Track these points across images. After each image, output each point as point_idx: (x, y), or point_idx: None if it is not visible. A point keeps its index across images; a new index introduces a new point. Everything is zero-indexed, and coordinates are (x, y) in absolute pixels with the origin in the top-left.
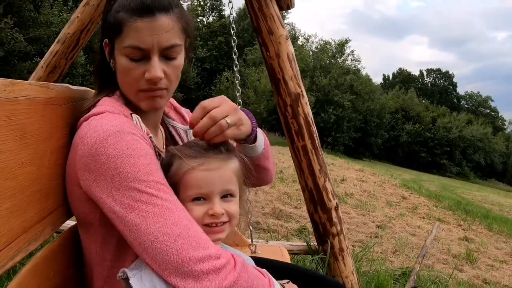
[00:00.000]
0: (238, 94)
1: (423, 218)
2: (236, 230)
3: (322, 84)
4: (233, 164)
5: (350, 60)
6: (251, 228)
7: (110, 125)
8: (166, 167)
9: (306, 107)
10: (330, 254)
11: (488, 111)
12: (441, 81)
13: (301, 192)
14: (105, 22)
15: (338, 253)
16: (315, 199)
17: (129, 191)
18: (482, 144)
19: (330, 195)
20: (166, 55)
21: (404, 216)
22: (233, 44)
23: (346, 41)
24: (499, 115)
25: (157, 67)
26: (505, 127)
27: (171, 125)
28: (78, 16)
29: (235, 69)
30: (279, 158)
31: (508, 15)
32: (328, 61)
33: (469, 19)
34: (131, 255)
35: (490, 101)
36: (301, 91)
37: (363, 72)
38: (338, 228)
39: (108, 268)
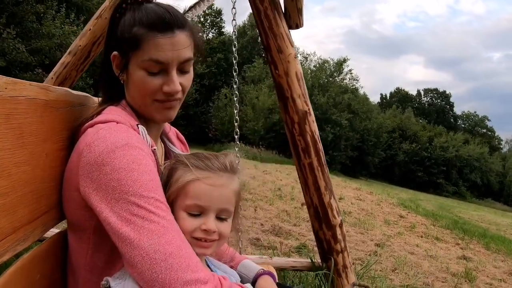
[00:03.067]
0: (236, 111)
1: (421, 236)
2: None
3: (320, 103)
4: (235, 185)
5: (348, 79)
6: (240, 245)
7: (119, 137)
8: (169, 171)
9: (313, 125)
10: (334, 271)
11: (484, 130)
12: (438, 100)
13: (300, 210)
14: (115, 36)
15: (342, 269)
16: (320, 216)
17: (128, 204)
18: (479, 163)
19: (335, 212)
20: (182, 68)
21: (402, 234)
22: (234, 61)
23: (344, 60)
24: (496, 134)
25: (176, 81)
26: (501, 146)
27: (171, 149)
28: (90, 29)
29: (235, 86)
30: (277, 176)
31: (503, 35)
32: (326, 80)
33: (465, 39)
34: (123, 263)
35: (486, 121)
36: (309, 109)
37: (361, 91)
38: (342, 245)
39: (98, 275)
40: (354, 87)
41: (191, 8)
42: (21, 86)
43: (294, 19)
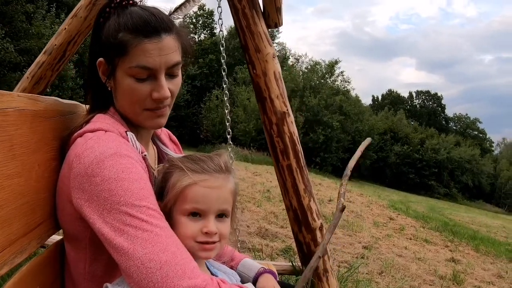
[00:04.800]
0: (227, 111)
1: (410, 239)
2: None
3: (312, 104)
4: (231, 185)
5: (339, 81)
6: (238, 245)
7: (107, 146)
8: (164, 176)
9: (292, 126)
10: (314, 275)
11: (476, 133)
12: (430, 103)
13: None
14: (100, 41)
15: (323, 274)
16: (300, 219)
17: (120, 214)
18: (470, 165)
19: (314, 215)
20: (170, 73)
21: (391, 237)
22: (223, 61)
23: (336, 62)
24: (487, 136)
25: (165, 87)
26: (493, 148)
27: (164, 151)
28: (65, 28)
29: (224, 86)
30: (267, 178)
31: (495, 38)
32: (318, 82)
33: (457, 42)
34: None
35: (478, 123)
36: (287, 110)
37: (353, 93)
38: None
39: (98, 283)
40: (345, 89)
41: (177, 9)
42: (9, 98)
43: (273, 18)
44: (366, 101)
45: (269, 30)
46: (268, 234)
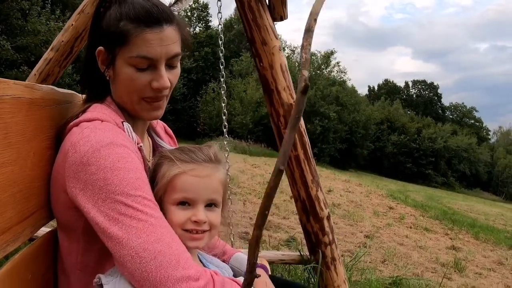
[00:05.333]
0: (224, 105)
1: (410, 227)
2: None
3: (308, 96)
4: (221, 174)
5: (335, 72)
6: (232, 239)
7: (103, 136)
8: (155, 167)
9: (299, 117)
10: (322, 264)
11: (472, 121)
12: (426, 92)
13: (288, 203)
14: (100, 30)
15: (330, 262)
16: (308, 209)
17: (114, 204)
18: (467, 154)
19: (322, 205)
20: (170, 64)
21: (391, 226)
22: (221, 54)
23: (332, 53)
24: (484, 125)
25: (165, 76)
26: (489, 137)
27: (159, 143)
28: (72, 24)
29: (222, 79)
30: (265, 169)
31: (490, 26)
32: (313, 73)
33: (452, 31)
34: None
35: (474, 112)
36: (294, 102)
37: (349, 84)
38: (330, 237)
39: (90, 273)
40: (342, 79)
41: (176, 1)
42: (5, 86)
43: (278, 11)
44: (362, 91)
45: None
46: (271, 225)
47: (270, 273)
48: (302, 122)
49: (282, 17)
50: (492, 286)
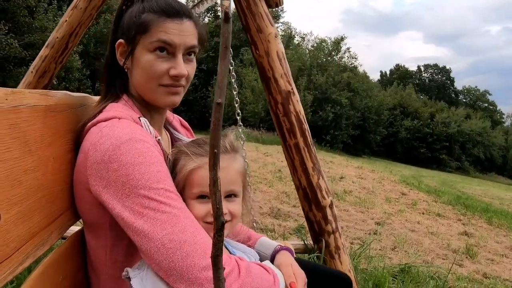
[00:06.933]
0: (235, 93)
1: (423, 213)
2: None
3: (320, 83)
4: (238, 164)
5: (346, 58)
6: (254, 225)
7: (122, 132)
8: (173, 162)
9: (298, 104)
10: (326, 252)
11: (486, 105)
12: (439, 76)
13: None
14: (122, 26)
15: (334, 251)
16: (309, 197)
17: (138, 198)
18: (481, 138)
19: (324, 193)
20: (188, 55)
21: (403, 212)
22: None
23: (342, 39)
24: (497, 108)
25: (182, 65)
26: (503, 120)
27: (176, 137)
28: (66, 20)
29: (231, 68)
30: (277, 157)
31: (501, 8)
32: (324, 59)
33: (463, 14)
34: None
35: (488, 95)
36: (292, 89)
37: (360, 70)
38: (334, 226)
39: (119, 269)
40: (353, 65)
41: (194, 6)
42: (21, 96)
43: None
44: (374, 76)
45: (272, 9)
46: (280, 214)
47: (294, 256)
48: (301, 108)
49: (277, 3)
50: (504, 273)
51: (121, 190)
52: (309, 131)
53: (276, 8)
